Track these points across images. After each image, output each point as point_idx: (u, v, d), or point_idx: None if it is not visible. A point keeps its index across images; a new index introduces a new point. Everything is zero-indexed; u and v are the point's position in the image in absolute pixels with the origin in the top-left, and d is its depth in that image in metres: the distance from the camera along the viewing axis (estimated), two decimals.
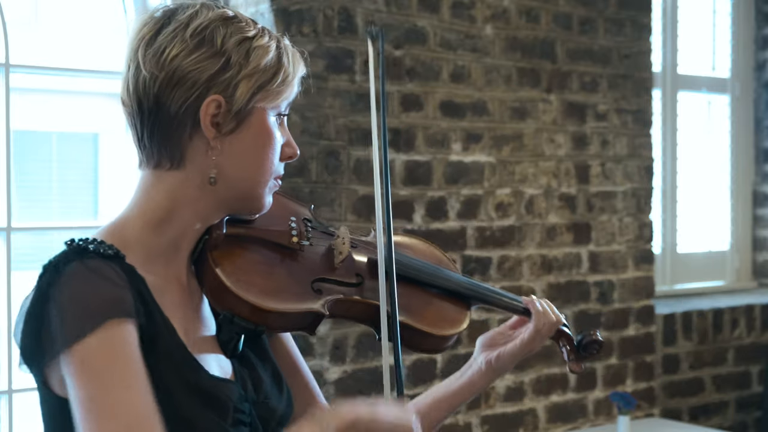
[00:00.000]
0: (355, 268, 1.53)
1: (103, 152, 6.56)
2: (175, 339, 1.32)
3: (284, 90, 1.40)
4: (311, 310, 1.43)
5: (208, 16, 1.37)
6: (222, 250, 1.41)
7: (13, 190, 2.89)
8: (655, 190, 4.10)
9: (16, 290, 2.85)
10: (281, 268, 1.46)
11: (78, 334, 1.21)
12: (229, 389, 1.35)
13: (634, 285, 3.96)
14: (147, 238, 1.37)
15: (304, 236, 1.50)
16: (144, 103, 1.36)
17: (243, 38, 1.37)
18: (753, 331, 4.43)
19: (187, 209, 1.38)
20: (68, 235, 1.37)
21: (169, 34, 1.35)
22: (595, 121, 3.82)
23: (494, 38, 3.52)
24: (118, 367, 1.21)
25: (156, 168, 1.39)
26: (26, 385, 2.88)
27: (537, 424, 3.62)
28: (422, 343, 1.58)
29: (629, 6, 3.91)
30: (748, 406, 4.43)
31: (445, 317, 1.62)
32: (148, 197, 1.39)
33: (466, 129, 3.44)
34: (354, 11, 3.15)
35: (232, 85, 1.35)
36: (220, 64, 1.34)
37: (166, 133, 1.36)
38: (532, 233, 3.62)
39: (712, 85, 4.69)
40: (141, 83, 1.35)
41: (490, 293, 1.72)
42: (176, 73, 1.34)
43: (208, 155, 1.36)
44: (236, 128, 1.36)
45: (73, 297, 1.24)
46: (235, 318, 1.38)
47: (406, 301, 1.56)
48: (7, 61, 2.85)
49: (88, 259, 1.27)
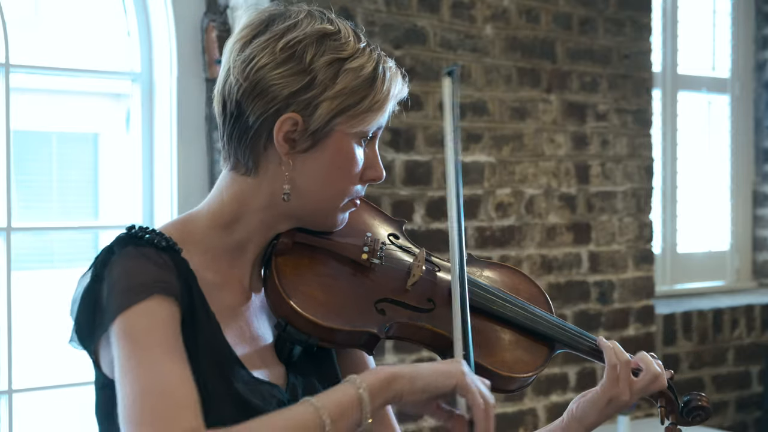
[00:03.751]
0: (430, 293, 1.47)
1: (103, 152, 6.56)
2: (217, 336, 1.33)
3: (371, 115, 1.38)
4: (367, 331, 1.39)
5: (305, 30, 1.36)
6: (288, 257, 1.41)
7: (13, 190, 2.89)
8: (655, 190, 4.10)
9: (16, 290, 2.85)
10: (346, 283, 1.43)
11: (125, 305, 1.23)
12: (268, 393, 1.34)
13: (634, 285, 3.96)
14: (212, 236, 1.39)
15: (375, 254, 1.45)
16: (227, 107, 1.38)
17: (335, 59, 1.35)
18: (753, 331, 4.43)
19: (255, 216, 1.39)
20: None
21: (261, 44, 1.36)
22: (595, 121, 3.82)
23: (494, 38, 3.52)
24: (159, 335, 1.22)
25: (233, 170, 1.40)
26: (26, 385, 2.88)
27: (537, 424, 3.62)
28: (489, 381, 1.44)
29: (629, 6, 3.91)
30: (748, 406, 4.43)
31: (518, 358, 1.51)
32: (220, 197, 1.41)
33: (466, 129, 3.44)
34: (354, 11, 3.15)
35: (313, 105, 1.34)
36: (305, 82, 1.34)
37: (244, 139, 1.37)
38: (532, 233, 3.62)
39: (712, 85, 4.69)
40: (227, 87, 1.37)
41: (574, 336, 1.57)
42: (259, 84, 1.34)
43: (281, 169, 1.37)
44: (311, 147, 1.36)
45: (123, 273, 1.26)
46: (288, 326, 1.37)
47: (477, 335, 1.45)
48: (7, 61, 2.85)
49: (142, 245, 1.30)
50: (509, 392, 1.53)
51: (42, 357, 3.97)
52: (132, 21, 3.09)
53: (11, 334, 2.83)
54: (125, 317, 1.23)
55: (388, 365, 1.31)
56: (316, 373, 1.44)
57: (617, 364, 1.53)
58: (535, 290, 1.63)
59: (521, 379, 1.50)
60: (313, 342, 1.38)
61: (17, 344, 2.85)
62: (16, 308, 2.84)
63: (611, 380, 1.53)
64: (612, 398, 1.54)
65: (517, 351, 1.52)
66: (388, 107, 1.40)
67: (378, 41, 3.20)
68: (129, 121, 3.14)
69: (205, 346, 1.30)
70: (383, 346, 3.16)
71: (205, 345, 1.30)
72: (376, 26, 3.20)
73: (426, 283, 1.48)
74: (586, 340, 1.58)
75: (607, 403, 1.54)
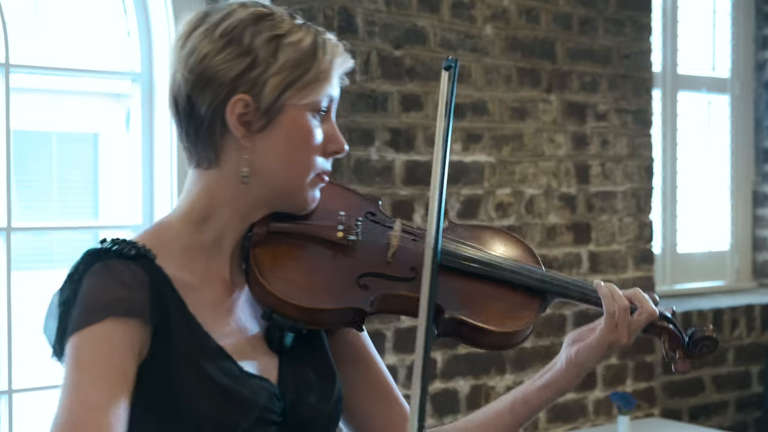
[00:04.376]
0: (412, 261, 1.46)
1: (103, 152, 6.56)
2: (198, 337, 1.34)
3: (319, 86, 1.39)
4: (351, 306, 1.40)
5: (240, 15, 1.38)
6: (264, 247, 1.41)
7: (13, 190, 2.89)
8: (655, 190, 4.10)
9: (16, 290, 2.85)
10: (326, 264, 1.44)
11: (78, 326, 1.27)
12: (257, 386, 1.35)
13: (634, 285, 3.94)
14: (187, 236, 1.40)
15: (351, 231, 1.46)
16: (179, 105, 1.39)
17: (273, 36, 1.37)
18: (753, 331, 4.43)
19: (227, 207, 1.40)
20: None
21: (200, 35, 1.37)
22: (595, 121, 3.82)
23: (494, 38, 3.52)
24: (101, 363, 1.26)
25: (197, 167, 1.42)
26: (26, 385, 2.88)
27: (537, 424, 3.62)
28: (485, 340, 1.48)
29: (629, 6, 3.91)
30: (748, 406, 4.43)
31: (509, 313, 1.50)
32: (189, 196, 1.42)
33: (466, 129, 3.44)
34: (354, 11, 3.15)
35: (260, 83, 1.35)
36: (247, 62, 1.35)
37: (200, 133, 1.39)
38: (532, 233, 3.62)
39: (712, 85, 4.69)
40: (176, 86, 1.39)
41: (563, 284, 1.57)
42: (205, 73, 1.36)
43: (241, 154, 1.37)
44: (267, 126, 1.37)
45: (85, 294, 1.29)
46: (274, 314, 1.38)
47: (465, 296, 1.48)
48: (7, 61, 2.85)
49: (108, 259, 1.31)
50: (508, 347, 1.53)
51: (42, 357, 3.96)
52: (132, 21, 3.09)
53: (11, 334, 2.83)
54: (77, 338, 1.27)
55: None
56: (309, 361, 1.44)
57: (615, 311, 1.54)
58: (522, 247, 1.62)
59: (516, 333, 1.49)
60: (300, 326, 1.39)
61: (17, 344, 2.85)
62: (16, 308, 2.84)
63: (610, 327, 1.53)
64: (612, 343, 1.54)
65: (508, 306, 1.51)
66: (334, 76, 1.41)
67: (378, 41, 3.20)
68: (129, 121, 3.14)
69: (184, 348, 1.32)
70: (383, 345, 3.16)
71: (184, 347, 1.32)
72: (376, 26, 3.21)
73: (406, 252, 1.48)
74: (579, 287, 1.58)
75: (608, 348, 1.55)
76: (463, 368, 3.37)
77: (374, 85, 3.19)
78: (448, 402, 3.34)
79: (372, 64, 3.19)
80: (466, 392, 3.41)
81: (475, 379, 3.43)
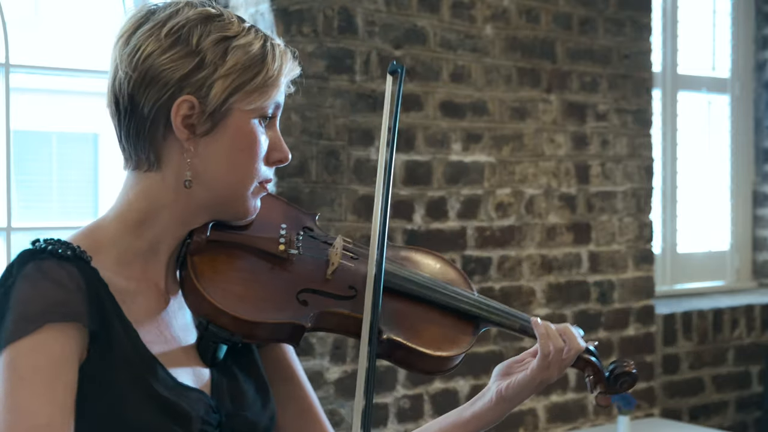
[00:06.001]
0: (350, 280, 1.44)
1: (103, 152, 6.55)
2: (136, 345, 1.29)
3: (266, 91, 1.34)
4: (290, 322, 1.36)
5: (188, 14, 1.33)
6: (203, 256, 1.37)
7: (13, 190, 2.89)
8: (655, 190, 4.10)
9: None
10: (266, 277, 1.40)
11: (14, 337, 1.21)
12: (194, 399, 1.31)
13: (634, 285, 3.96)
14: (122, 240, 1.34)
15: (292, 245, 1.43)
16: (120, 103, 1.33)
17: (222, 37, 1.32)
18: (753, 331, 4.43)
19: (165, 212, 1.35)
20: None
21: (144, 33, 1.32)
22: (595, 121, 3.82)
23: (494, 38, 3.52)
24: (42, 373, 1.20)
25: (135, 169, 1.36)
26: None
27: (537, 424, 3.62)
28: (418, 363, 1.46)
29: (629, 6, 3.91)
30: (748, 406, 4.43)
31: (445, 337, 1.49)
32: (126, 199, 1.36)
33: (466, 129, 3.44)
34: (354, 11, 3.15)
35: (207, 86, 1.31)
36: (194, 63, 1.30)
37: (141, 133, 1.33)
38: (532, 233, 3.62)
39: (712, 85, 4.69)
40: (117, 83, 1.33)
41: (498, 313, 1.55)
42: (149, 72, 1.30)
43: (183, 157, 1.32)
44: (211, 130, 1.32)
45: (19, 299, 1.23)
46: (209, 325, 1.33)
47: (402, 318, 1.46)
48: (7, 61, 2.85)
49: (42, 260, 1.26)
50: (439, 373, 1.50)
51: None
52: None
53: None
54: (12, 349, 1.20)
55: None
56: (241, 372, 1.41)
57: (551, 352, 1.52)
58: (453, 270, 1.61)
59: (451, 358, 1.48)
60: (236, 339, 1.34)
61: None
62: None
63: (542, 366, 1.52)
64: (543, 380, 1.54)
65: (444, 330, 1.50)
66: (282, 83, 1.36)
67: (378, 41, 3.20)
68: None
69: (123, 355, 1.27)
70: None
71: (123, 354, 1.27)
72: (376, 26, 3.21)
73: (346, 270, 1.45)
74: (511, 317, 1.57)
75: (538, 384, 1.54)
76: (463, 368, 3.38)
77: (374, 85, 3.19)
78: (448, 402, 3.34)
79: (372, 64, 3.19)
80: (466, 392, 3.41)
81: (475, 379, 3.43)
